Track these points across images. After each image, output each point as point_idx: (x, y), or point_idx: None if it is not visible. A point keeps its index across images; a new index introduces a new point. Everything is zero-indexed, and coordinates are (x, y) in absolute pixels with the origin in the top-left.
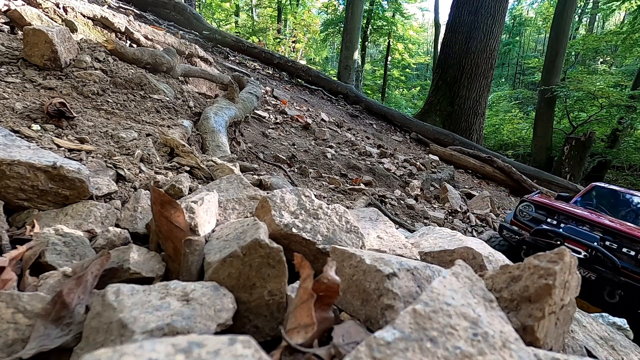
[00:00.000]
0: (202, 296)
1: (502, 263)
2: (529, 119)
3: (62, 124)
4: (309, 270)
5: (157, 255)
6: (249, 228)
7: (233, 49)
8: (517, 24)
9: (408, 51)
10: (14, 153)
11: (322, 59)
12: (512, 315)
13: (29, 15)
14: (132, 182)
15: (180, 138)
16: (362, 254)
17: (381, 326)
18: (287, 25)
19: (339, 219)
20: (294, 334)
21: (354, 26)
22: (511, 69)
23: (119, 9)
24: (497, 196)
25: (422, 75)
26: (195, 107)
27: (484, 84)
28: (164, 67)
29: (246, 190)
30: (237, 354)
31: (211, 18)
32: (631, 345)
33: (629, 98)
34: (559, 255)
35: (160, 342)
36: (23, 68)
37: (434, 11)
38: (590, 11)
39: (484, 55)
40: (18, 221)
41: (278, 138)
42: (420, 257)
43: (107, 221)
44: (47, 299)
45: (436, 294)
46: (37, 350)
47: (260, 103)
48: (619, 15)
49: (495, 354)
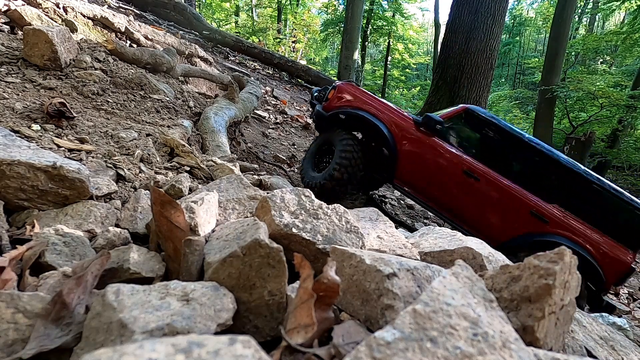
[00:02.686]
0: (202, 296)
1: (502, 263)
2: (529, 119)
3: (62, 124)
4: (309, 270)
5: (157, 255)
6: (249, 228)
7: (233, 49)
8: (517, 24)
9: (408, 51)
10: (14, 153)
11: (322, 59)
12: (512, 315)
13: (29, 15)
14: (132, 182)
15: (180, 138)
16: (362, 254)
17: (381, 326)
18: (287, 25)
19: (339, 219)
20: (294, 334)
21: (354, 26)
22: (511, 69)
23: (119, 9)
24: None
25: (422, 75)
26: (195, 107)
27: (484, 84)
28: (164, 67)
29: (246, 190)
30: (237, 354)
31: (211, 18)
32: (631, 345)
33: (629, 98)
34: (559, 256)
35: (160, 342)
36: (23, 68)
37: (434, 11)
38: (590, 11)
39: (484, 55)
40: (18, 221)
41: (278, 138)
42: (420, 257)
43: (107, 221)
44: (47, 299)
45: (436, 294)
46: (37, 350)
47: (260, 103)
48: (619, 15)
49: (495, 354)
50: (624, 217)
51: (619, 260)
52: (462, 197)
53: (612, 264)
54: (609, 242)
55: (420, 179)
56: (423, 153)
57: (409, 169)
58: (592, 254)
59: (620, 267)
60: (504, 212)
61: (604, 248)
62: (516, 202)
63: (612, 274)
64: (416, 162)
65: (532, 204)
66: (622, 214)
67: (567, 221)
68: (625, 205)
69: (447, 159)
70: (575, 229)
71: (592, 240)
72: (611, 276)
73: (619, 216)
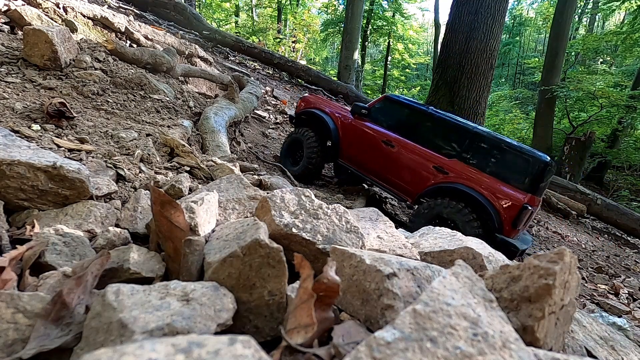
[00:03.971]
0: (202, 296)
1: (502, 263)
2: (529, 119)
3: (62, 124)
4: (309, 270)
5: (157, 255)
6: (249, 228)
7: (233, 49)
8: (517, 24)
9: (408, 51)
10: (14, 153)
11: (322, 59)
12: (512, 315)
13: (29, 15)
14: (132, 182)
15: (180, 138)
16: (362, 254)
17: (381, 326)
18: (287, 25)
19: (339, 219)
20: (294, 334)
21: (354, 26)
22: (511, 69)
23: (119, 9)
24: None
25: (422, 75)
26: (195, 107)
27: (484, 84)
28: (164, 67)
29: (246, 190)
30: (237, 354)
31: (211, 18)
32: (631, 345)
33: (629, 98)
34: (559, 256)
35: (160, 342)
36: (23, 68)
37: (434, 11)
38: (590, 11)
39: (484, 55)
40: (18, 221)
41: (278, 138)
42: (420, 257)
43: (107, 221)
44: (47, 299)
45: (436, 294)
46: (37, 350)
47: (260, 103)
48: (619, 15)
49: (495, 354)
50: (516, 164)
51: (512, 201)
52: (383, 162)
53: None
54: (502, 187)
55: (355, 153)
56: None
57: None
58: (487, 197)
59: (513, 207)
60: (414, 169)
61: (497, 191)
62: (422, 161)
63: (507, 214)
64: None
65: (435, 161)
66: (514, 162)
67: (463, 171)
68: (515, 153)
69: (371, 134)
70: (471, 177)
71: (487, 185)
72: (507, 215)
73: (511, 163)
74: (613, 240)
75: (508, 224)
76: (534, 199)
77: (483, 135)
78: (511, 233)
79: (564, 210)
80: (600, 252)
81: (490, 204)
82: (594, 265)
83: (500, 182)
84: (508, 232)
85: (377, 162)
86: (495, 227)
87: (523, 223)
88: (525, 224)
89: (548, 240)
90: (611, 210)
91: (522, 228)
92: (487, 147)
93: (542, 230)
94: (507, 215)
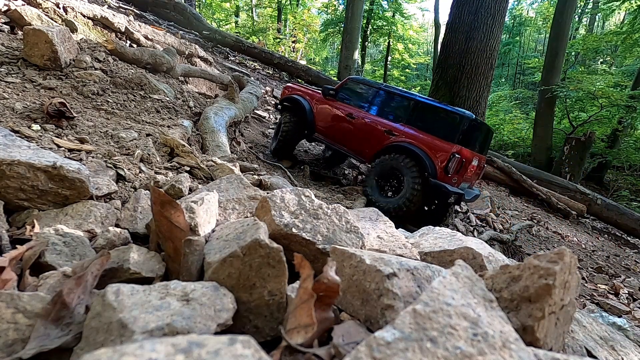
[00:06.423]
0: (202, 296)
1: (502, 263)
2: (529, 119)
3: (62, 124)
4: (309, 270)
5: (157, 255)
6: (249, 228)
7: (233, 49)
8: (517, 24)
9: (408, 51)
10: (14, 153)
11: (322, 59)
12: (512, 315)
13: (29, 15)
14: (132, 182)
15: (180, 138)
16: (362, 254)
17: (381, 326)
18: (287, 25)
19: (339, 219)
20: (294, 334)
21: (354, 26)
22: (511, 69)
23: (119, 9)
24: (497, 196)
25: (422, 75)
26: (195, 107)
27: (484, 84)
28: (164, 67)
29: (246, 190)
30: (237, 354)
31: (211, 18)
32: (631, 345)
33: (629, 98)
34: (559, 256)
35: (160, 342)
36: (23, 68)
37: (434, 11)
38: (590, 11)
39: (484, 55)
40: (18, 221)
41: None
42: (420, 257)
43: (107, 221)
44: (47, 299)
45: (436, 294)
46: (37, 350)
47: (260, 103)
48: (619, 15)
49: (495, 354)
50: (447, 122)
51: (442, 152)
52: (347, 132)
53: (438, 155)
54: (436, 141)
55: (326, 127)
56: (325, 111)
57: (320, 123)
58: (423, 149)
59: (443, 156)
60: (370, 134)
61: (431, 145)
62: (376, 127)
63: (440, 161)
64: (322, 118)
65: (385, 126)
66: (446, 120)
67: (406, 132)
68: (446, 113)
69: (337, 110)
70: (412, 136)
71: (424, 141)
72: (439, 163)
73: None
74: (613, 240)
75: (441, 170)
76: (464, 150)
77: (422, 102)
78: (445, 179)
79: (564, 210)
80: (600, 252)
81: (426, 154)
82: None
83: (435, 138)
84: (442, 178)
85: (342, 132)
86: (429, 173)
87: (455, 170)
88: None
89: (548, 240)
90: (611, 210)
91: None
92: (426, 111)
93: (542, 230)
94: (439, 163)
